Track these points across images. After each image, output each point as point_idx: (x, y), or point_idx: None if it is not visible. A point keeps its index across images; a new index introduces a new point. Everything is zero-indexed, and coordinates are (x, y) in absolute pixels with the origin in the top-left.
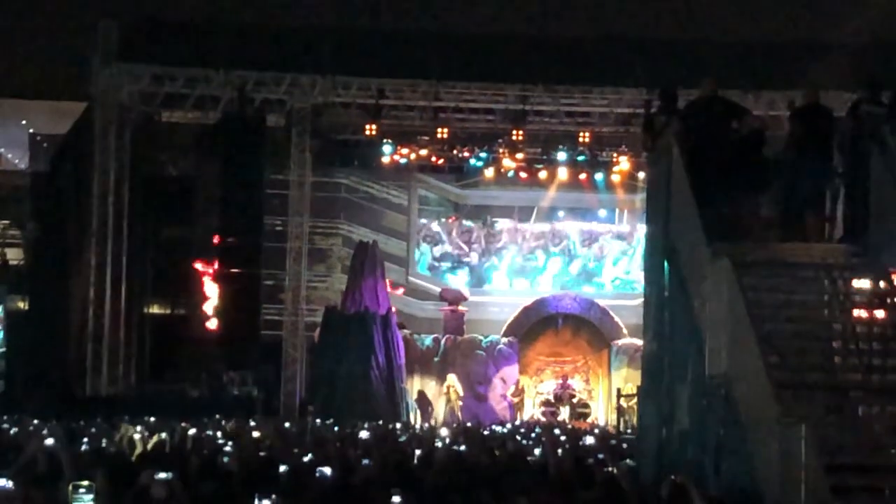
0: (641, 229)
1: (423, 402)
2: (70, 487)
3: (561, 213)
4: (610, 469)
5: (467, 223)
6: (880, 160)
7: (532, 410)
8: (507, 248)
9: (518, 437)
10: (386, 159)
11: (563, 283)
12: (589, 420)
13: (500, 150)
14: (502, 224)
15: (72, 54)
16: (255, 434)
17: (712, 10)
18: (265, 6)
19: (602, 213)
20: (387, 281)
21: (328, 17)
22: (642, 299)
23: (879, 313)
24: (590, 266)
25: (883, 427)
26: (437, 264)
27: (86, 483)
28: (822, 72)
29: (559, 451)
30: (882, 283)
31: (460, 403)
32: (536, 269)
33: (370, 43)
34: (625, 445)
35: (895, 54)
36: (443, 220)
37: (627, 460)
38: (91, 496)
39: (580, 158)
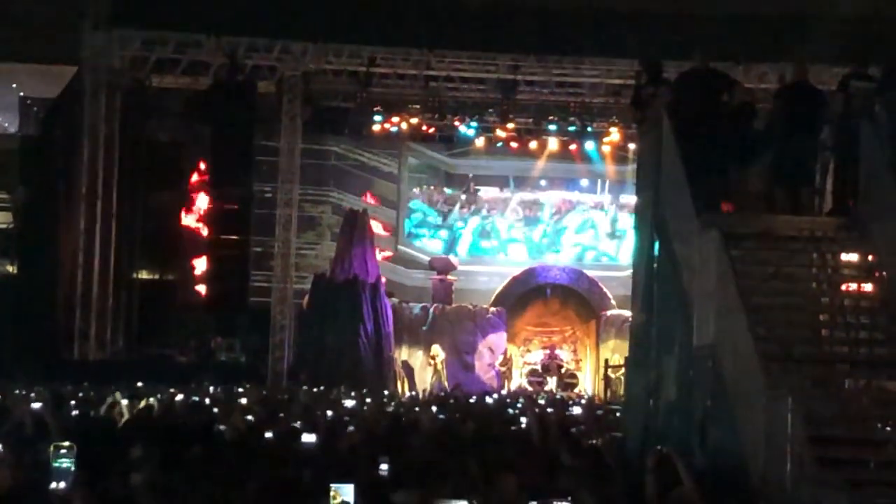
0: (622, 199)
1: (410, 370)
2: (52, 448)
3: (543, 182)
4: (595, 441)
5: (448, 191)
6: (869, 134)
7: (519, 380)
8: (488, 216)
9: (506, 407)
10: (376, 127)
11: (527, 250)
12: (576, 390)
13: (491, 120)
14: (486, 192)
15: (63, 18)
16: (242, 401)
17: None
18: None
19: (584, 182)
20: (376, 249)
21: None
22: (630, 270)
23: (867, 287)
24: (551, 234)
25: (869, 400)
26: (414, 231)
27: (67, 444)
28: (812, 45)
29: (545, 421)
30: (870, 257)
31: (446, 372)
32: (508, 239)
33: (362, 10)
34: (611, 417)
35: (885, 28)
36: (425, 187)
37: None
38: (72, 458)
39: (571, 129)
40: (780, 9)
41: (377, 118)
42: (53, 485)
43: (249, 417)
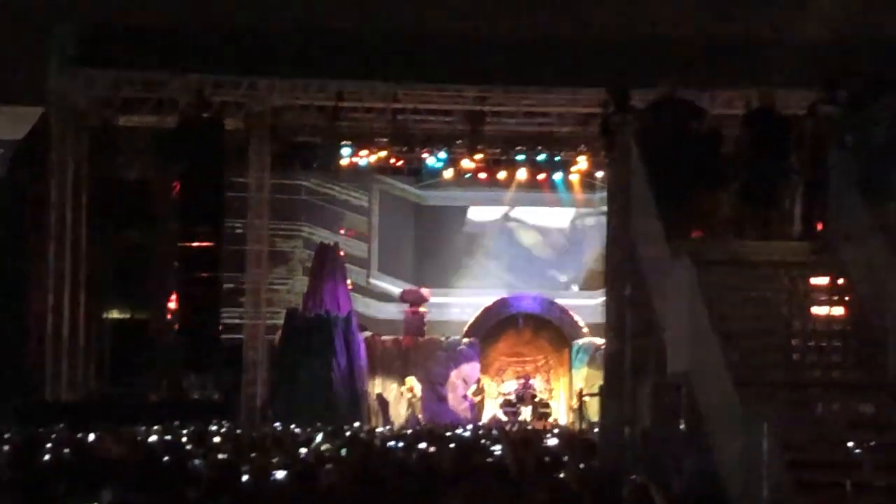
0: None
1: (384, 403)
2: None
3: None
4: (564, 471)
5: None
6: (838, 159)
7: (494, 411)
8: None
9: (481, 439)
10: (345, 161)
11: None
12: (550, 420)
13: (459, 151)
14: None
15: (27, 58)
16: (216, 438)
17: (669, 8)
18: (222, 9)
19: None
20: (347, 283)
21: (285, 20)
22: (603, 298)
23: (838, 310)
24: None
25: (843, 422)
26: None
27: None
28: (779, 69)
29: (520, 454)
30: (840, 280)
31: (420, 405)
32: None
33: (328, 46)
34: (586, 446)
35: (853, 52)
36: None
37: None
38: None
39: (539, 158)
40: (746, 34)
41: (345, 152)
42: None
43: (222, 456)
